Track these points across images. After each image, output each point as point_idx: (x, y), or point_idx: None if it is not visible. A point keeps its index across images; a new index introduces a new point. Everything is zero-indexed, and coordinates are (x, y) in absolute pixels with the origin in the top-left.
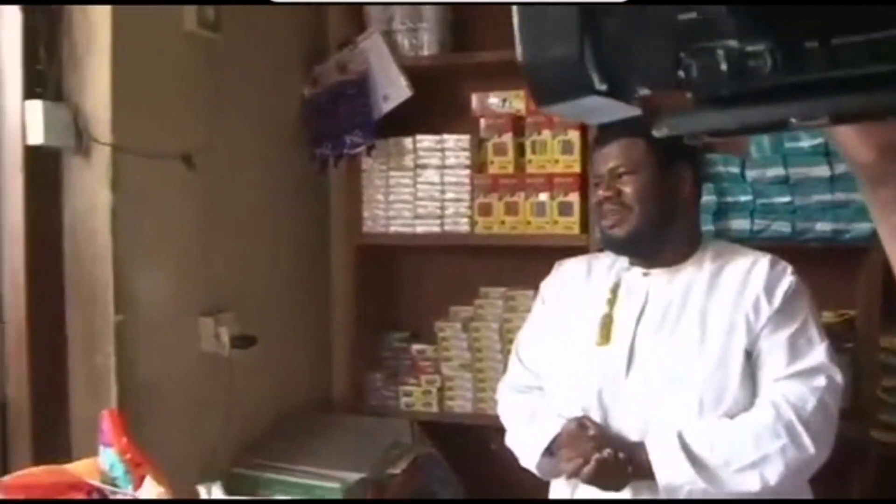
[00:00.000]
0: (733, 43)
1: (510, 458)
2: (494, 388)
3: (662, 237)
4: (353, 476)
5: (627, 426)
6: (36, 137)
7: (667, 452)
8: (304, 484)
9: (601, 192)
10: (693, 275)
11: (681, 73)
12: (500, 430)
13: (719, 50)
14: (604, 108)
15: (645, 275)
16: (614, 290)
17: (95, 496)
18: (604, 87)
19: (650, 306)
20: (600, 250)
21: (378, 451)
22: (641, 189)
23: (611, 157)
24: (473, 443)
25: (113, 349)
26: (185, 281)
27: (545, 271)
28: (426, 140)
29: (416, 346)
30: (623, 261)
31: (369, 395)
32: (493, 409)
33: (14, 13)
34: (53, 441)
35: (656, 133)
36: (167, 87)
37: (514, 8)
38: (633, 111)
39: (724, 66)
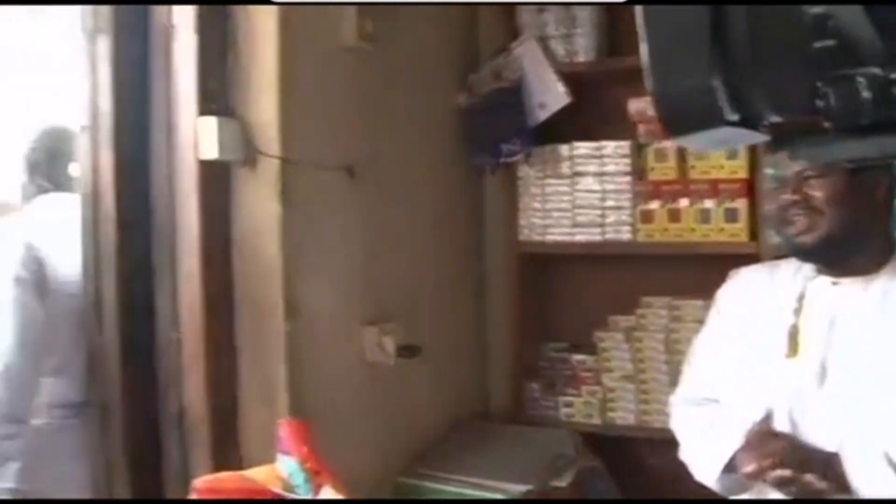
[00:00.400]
0: (876, 70)
1: (672, 471)
2: (659, 399)
3: (854, 245)
4: (519, 488)
5: (818, 440)
6: (210, 152)
7: (871, 467)
8: (469, 495)
9: (787, 197)
10: (888, 284)
11: (819, 102)
12: (662, 444)
13: (860, 78)
14: (732, 138)
15: (834, 284)
16: (800, 300)
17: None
18: (735, 118)
19: (842, 317)
20: (776, 258)
21: (542, 463)
22: (833, 193)
23: None
24: (634, 456)
25: (283, 359)
26: (350, 291)
27: (712, 280)
28: (583, 147)
29: (575, 357)
30: (807, 269)
31: (528, 405)
32: (657, 421)
33: (189, 34)
34: (228, 449)
35: (792, 161)
36: (329, 100)
37: (644, 38)
38: (762, 138)
39: (866, 94)
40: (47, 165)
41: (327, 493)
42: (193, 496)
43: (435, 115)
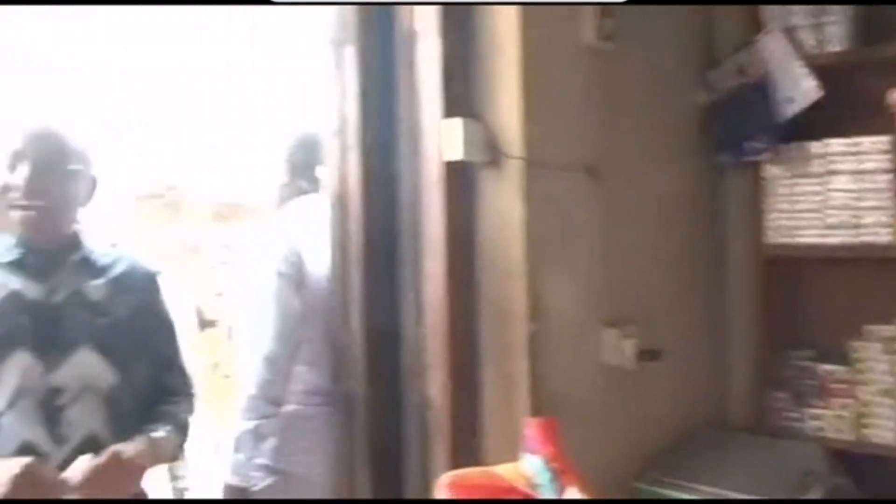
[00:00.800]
0: None
1: None
2: None
3: None
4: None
5: None
6: (454, 154)
7: None
8: None
9: None
10: None
11: None
12: None
13: None
14: None
15: None
16: None
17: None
18: None
19: None
20: None
21: (789, 478)
22: None
23: None
24: (891, 477)
25: (525, 359)
26: (590, 292)
27: None
28: (837, 144)
29: (824, 367)
30: None
31: (770, 415)
32: None
33: (433, 38)
34: (468, 445)
35: None
36: (569, 99)
37: None
38: None
39: None
40: (304, 168)
41: (571, 494)
42: (441, 491)
43: (674, 113)
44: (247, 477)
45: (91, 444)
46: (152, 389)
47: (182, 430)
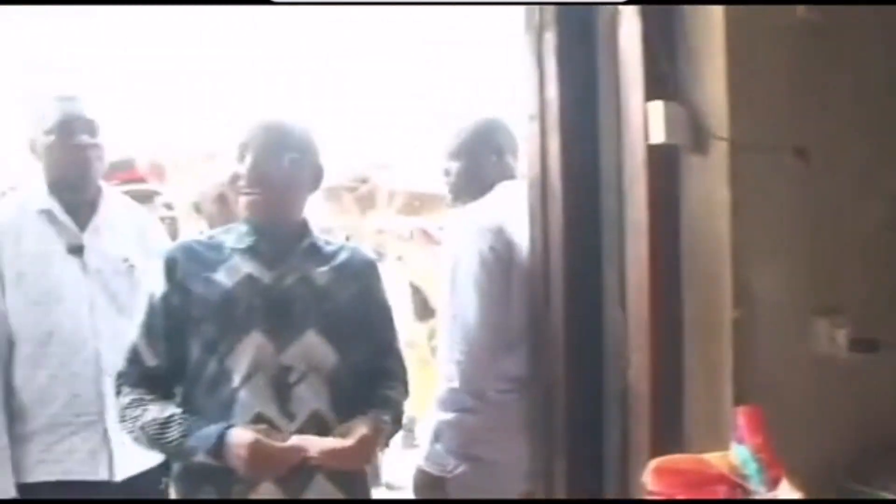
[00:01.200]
0: None
1: None
2: None
3: None
4: None
5: None
6: (657, 137)
7: None
8: None
9: None
10: None
11: None
12: None
13: None
14: None
15: None
16: None
17: (739, 493)
18: None
19: None
20: None
21: None
22: None
23: None
24: None
25: (730, 346)
26: (799, 279)
27: None
28: None
29: None
30: None
31: None
32: None
33: (635, 18)
34: (669, 431)
35: None
36: (778, 78)
37: None
38: None
39: None
40: (497, 155)
41: (784, 489)
42: (649, 475)
43: (888, 92)
44: (441, 465)
45: (316, 422)
46: (370, 372)
47: (399, 416)
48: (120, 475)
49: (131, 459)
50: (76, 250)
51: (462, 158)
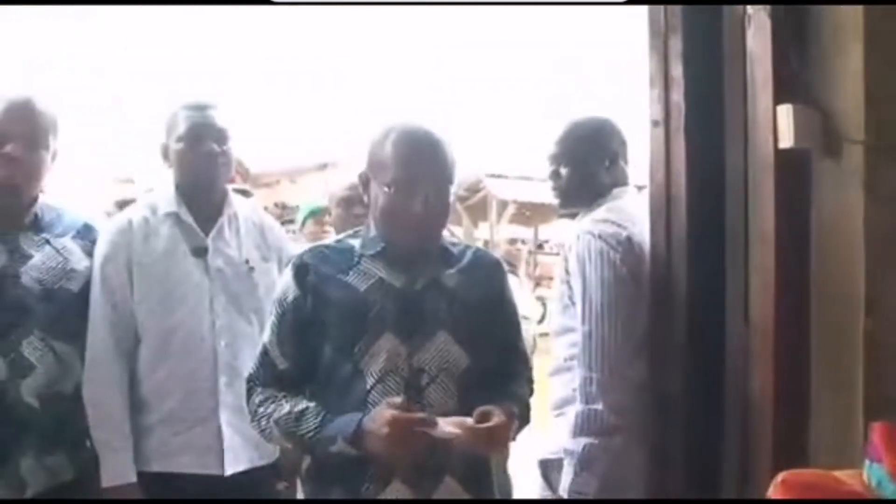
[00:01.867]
0: None
1: None
2: None
3: None
4: None
5: None
6: (787, 141)
7: None
8: None
9: None
10: None
11: None
12: None
13: None
14: None
15: None
16: None
17: None
18: None
19: None
20: None
21: None
22: None
23: None
24: None
25: (860, 357)
26: None
27: None
28: None
29: None
30: None
31: None
32: None
33: (764, 20)
34: (793, 447)
35: None
36: None
37: None
38: None
39: None
40: (621, 157)
41: None
42: (775, 489)
43: None
44: (585, 493)
45: None
46: (497, 373)
47: (528, 414)
48: (229, 470)
49: (240, 456)
50: (200, 252)
51: (573, 163)
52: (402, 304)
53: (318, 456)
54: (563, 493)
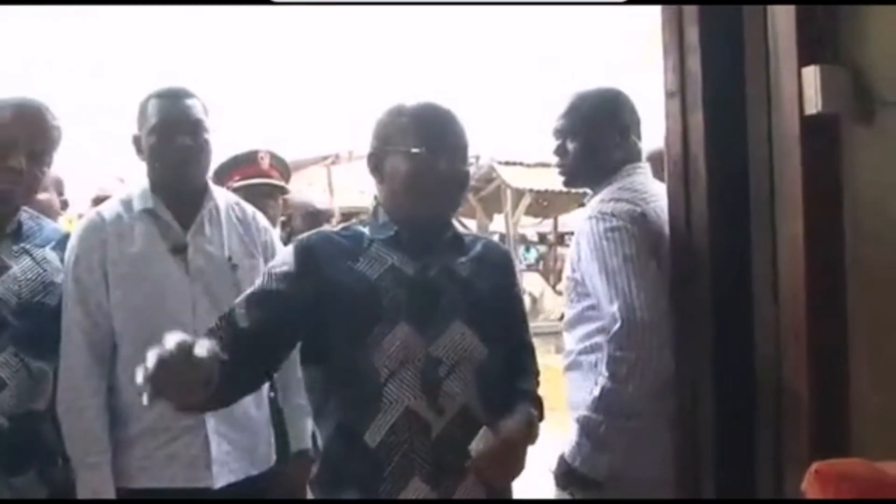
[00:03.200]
0: None
1: None
2: None
3: None
4: None
5: None
6: (814, 106)
7: None
8: None
9: None
10: None
11: None
12: None
13: None
14: None
15: None
16: None
17: None
18: None
19: None
20: None
21: None
22: None
23: None
24: None
25: None
26: None
27: None
28: None
29: None
30: None
31: None
32: None
33: None
34: (832, 436)
35: None
36: None
37: None
38: None
39: None
40: (633, 131)
41: None
42: (809, 480)
43: None
44: (600, 472)
45: (465, 417)
46: (509, 365)
47: (542, 410)
48: (220, 482)
49: (230, 466)
50: (179, 250)
51: (580, 137)
52: (416, 292)
53: (327, 456)
54: (569, 458)
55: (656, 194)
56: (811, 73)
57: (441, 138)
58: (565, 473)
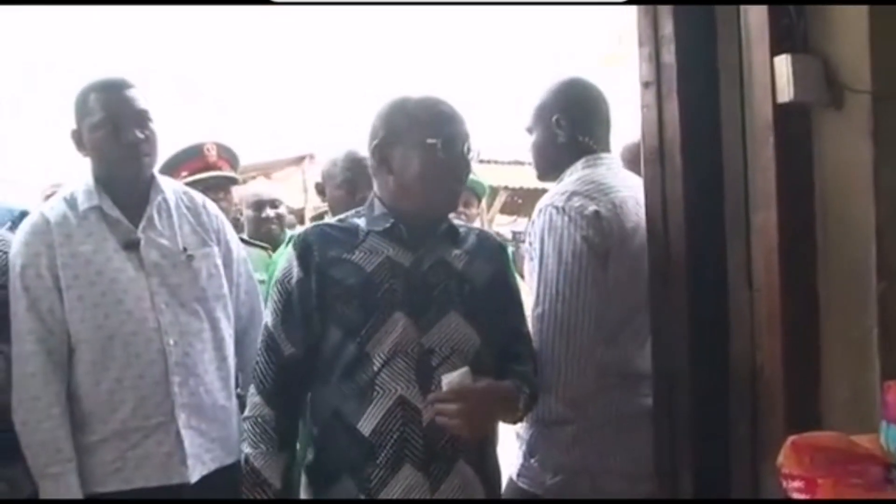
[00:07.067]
0: None
1: None
2: None
3: None
4: None
5: None
6: (786, 94)
7: None
8: None
9: None
10: None
11: None
12: None
13: None
14: None
15: None
16: None
17: (894, 474)
18: None
19: None
20: None
21: None
22: None
23: None
24: None
25: (875, 322)
26: None
27: None
28: None
29: None
30: None
31: None
32: None
33: None
34: (805, 418)
35: None
36: None
37: None
38: None
39: None
40: (587, 127)
41: None
42: (785, 453)
43: None
44: (537, 481)
45: None
46: (504, 355)
47: (536, 394)
48: (195, 476)
49: (204, 458)
50: (132, 245)
51: (540, 127)
52: (411, 284)
53: (321, 443)
54: (513, 475)
55: (616, 186)
56: (783, 63)
57: (451, 130)
58: (510, 491)
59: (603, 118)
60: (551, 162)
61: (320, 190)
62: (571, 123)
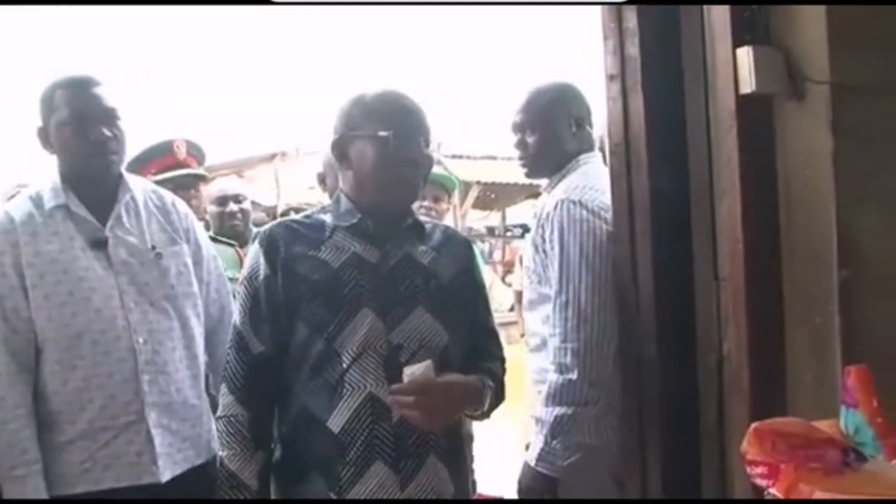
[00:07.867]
0: None
1: None
2: None
3: None
4: None
5: None
6: (748, 85)
7: None
8: None
9: None
10: None
11: None
12: None
13: None
14: None
15: None
16: None
17: (852, 458)
18: None
19: None
20: None
21: None
22: None
23: None
24: None
25: (836, 310)
26: None
27: None
28: None
29: None
30: None
31: None
32: None
33: None
34: (770, 404)
35: None
36: (884, 14)
37: None
38: None
39: None
40: (586, 121)
41: None
42: (748, 439)
43: None
44: (556, 464)
45: None
46: (471, 352)
47: (502, 391)
48: (166, 475)
49: (174, 457)
50: (99, 244)
51: (540, 129)
52: (378, 279)
53: (290, 441)
54: (531, 461)
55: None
56: (745, 54)
57: (406, 122)
58: (527, 478)
59: (590, 118)
60: (556, 160)
61: (321, 180)
62: (574, 124)
